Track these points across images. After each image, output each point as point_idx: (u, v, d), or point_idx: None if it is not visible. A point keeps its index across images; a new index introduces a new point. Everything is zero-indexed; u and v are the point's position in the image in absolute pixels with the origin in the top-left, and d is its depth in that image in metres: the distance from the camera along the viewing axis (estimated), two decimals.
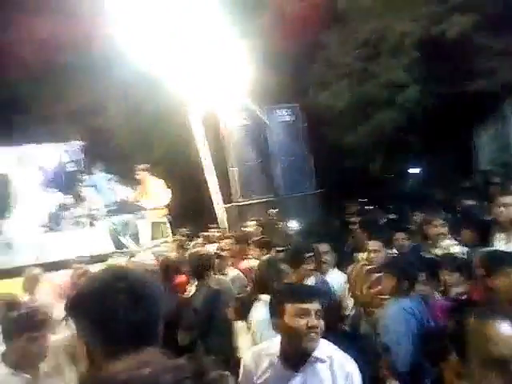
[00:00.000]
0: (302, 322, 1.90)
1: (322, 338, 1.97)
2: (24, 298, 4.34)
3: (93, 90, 13.51)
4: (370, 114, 11.16)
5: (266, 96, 9.83)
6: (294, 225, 6.75)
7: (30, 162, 10.33)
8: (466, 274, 3.23)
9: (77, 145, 11.21)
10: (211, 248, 5.71)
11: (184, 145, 12.51)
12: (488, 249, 3.57)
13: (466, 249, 4.14)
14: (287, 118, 8.93)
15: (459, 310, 2.72)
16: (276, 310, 2.04)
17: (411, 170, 16.29)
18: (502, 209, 3.74)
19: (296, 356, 1.95)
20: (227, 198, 8.75)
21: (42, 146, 10.82)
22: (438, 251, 4.12)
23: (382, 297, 3.00)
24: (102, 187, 9.13)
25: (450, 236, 4.36)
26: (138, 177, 8.24)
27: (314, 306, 1.94)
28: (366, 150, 11.96)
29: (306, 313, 1.92)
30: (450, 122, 11.01)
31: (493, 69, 9.73)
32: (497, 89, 9.80)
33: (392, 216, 7.23)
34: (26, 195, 7.11)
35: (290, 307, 1.95)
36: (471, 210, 6.32)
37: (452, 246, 4.14)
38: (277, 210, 7.38)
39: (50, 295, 4.80)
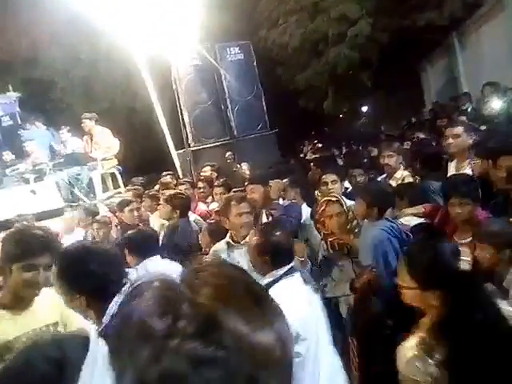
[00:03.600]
0: None
1: None
2: None
3: (25, 39, 12.42)
4: (321, 50, 10.93)
5: (216, 34, 9.35)
6: (250, 166, 6.67)
7: None
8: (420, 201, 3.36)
9: (11, 97, 10.39)
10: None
11: (130, 92, 11.91)
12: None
13: (417, 179, 4.28)
14: (239, 56, 8.53)
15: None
16: None
17: (363, 107, 16.49)
18: (451, 140, 3.80)
19: None
20: (180, 143, 8.50)
21: None
22: (393, 182, 4.20)
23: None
24: (45, 140, 8.61)
25: (403, 167, 4.46)
26: (84, 126, 7.76)
27: None
28: (319, 88, 11.85)
29: None
30: (399, 56, 11.02)
31: (441, 1, 9.67)
32: (445, 22, 9.80)
33: (344, 152, 7.32)
34: None
35: None
36: (421, 143, 6.50)
37: (407, 177, 4.23)
38: (231, 153, 7.24)
39: None
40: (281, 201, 3.79)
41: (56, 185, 6.94)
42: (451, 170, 3.96)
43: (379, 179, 4.56)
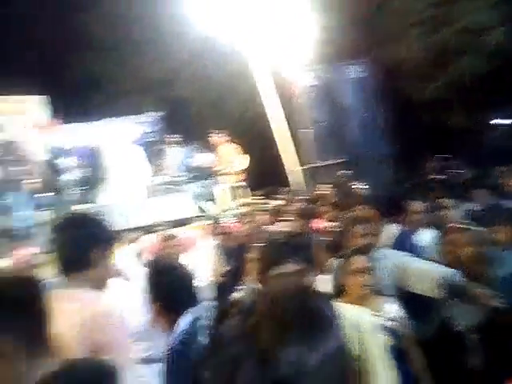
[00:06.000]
0: None
1: None
2: None
3: (164, 62, 13.99)
4: (447, 63, 10.37)
5: (336, 53, 9.52)
6: (369, 185, 6.64)
7: (113, 136, 11.14)
8: None
9: (153, 116, 11.81)
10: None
11: (256, 109, 12.62)
12: None
13: None
14: (358, 75, 8.61)
15: None
16: None
17: (499, 122, 15.01)
18: None
19: None
20: (298, 160, 8.79)
21: (123, 119, 11.56)
22: None
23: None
24: (180, 156, 9.60)
25: None
26: (215, 143, 8.53)
27: None
28: (445, 103, 11.20)
29: None
30: None
31: None
32: None
33: (473, 172, 6.85)
34: (113, 166, 7.71)
35: None
36: None
37: None
38: (350, 171, 7.29)
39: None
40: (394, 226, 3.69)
41: (187, 196, 7.73)
42: None
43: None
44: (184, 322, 1.89)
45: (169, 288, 1.96)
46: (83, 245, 1.70)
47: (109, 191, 7.53)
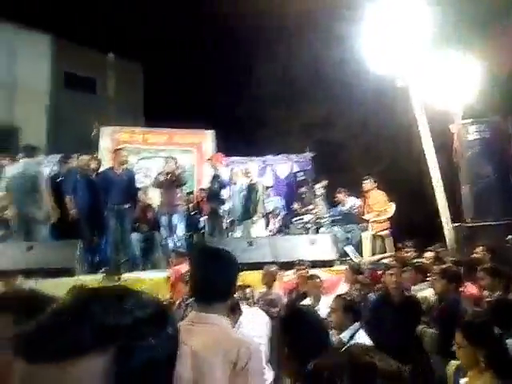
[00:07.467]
0: None
1: None
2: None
3: (323, 106, 14.60)
4: None
5: (506, 104, 8.73)
6: None
7: (268, 172, 11.96)
8: None
9: (306, 156, 12.35)
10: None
11: (411, 158, 12.19)
12: None
13: None
14: None
15: None
16: None
17: None
18: None
19: None
20: (455, 216, 8.12)
21: (278, 157, 12.38)
22: None
23: None
24: (326, 197, 9.76)
25: None
26: (364, 187, 8.48)
27: None
28: None
29: None
30: None
31: None
32: None
33: None
34: (265, 201, 8.22)
35: None
36: None
37: None
38: None
39: (281, 290, 5.54)
40: None
41: (331, 238, 7.77)
42: None
43: None
44: None
45: (299, 335, 1.94)
46: (229, 277, 1.82)
47: (257, 224, 8.03)
